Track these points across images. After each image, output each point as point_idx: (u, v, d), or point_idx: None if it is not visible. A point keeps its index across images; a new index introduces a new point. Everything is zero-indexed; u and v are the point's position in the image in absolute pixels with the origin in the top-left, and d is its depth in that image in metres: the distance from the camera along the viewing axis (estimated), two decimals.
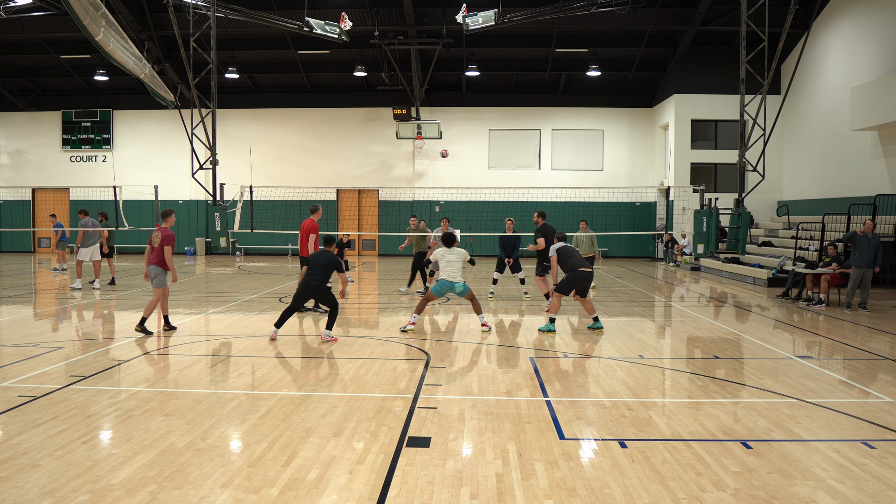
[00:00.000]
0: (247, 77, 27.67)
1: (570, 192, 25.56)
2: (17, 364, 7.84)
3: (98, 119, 28.88)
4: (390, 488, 4.40)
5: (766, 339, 9.84)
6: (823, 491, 4.41)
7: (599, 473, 4.66)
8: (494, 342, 9.47)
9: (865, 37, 19.12)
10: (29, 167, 29.31)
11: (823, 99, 21.32)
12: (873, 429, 5.69)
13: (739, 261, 20.08)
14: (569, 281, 10.17)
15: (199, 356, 8.51)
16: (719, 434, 5.50)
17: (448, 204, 27.20)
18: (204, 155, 22.04)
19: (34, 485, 4.41)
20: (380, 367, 7.92)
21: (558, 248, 10.39)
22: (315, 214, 12.46)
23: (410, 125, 25.63)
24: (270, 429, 5.56)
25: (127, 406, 6.17)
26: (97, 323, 11.20)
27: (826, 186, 20.98)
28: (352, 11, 22.08)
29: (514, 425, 5.69)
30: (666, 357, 8.93)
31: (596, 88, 27.46)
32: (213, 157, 17.57)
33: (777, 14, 18.11)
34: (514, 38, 24.69)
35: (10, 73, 27.93)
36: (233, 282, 17.78)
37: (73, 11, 10.95)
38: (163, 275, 9.98)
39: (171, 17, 17.55)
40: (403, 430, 5.55)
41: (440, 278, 10.28)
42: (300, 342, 9.48)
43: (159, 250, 9.89)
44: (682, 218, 23.90)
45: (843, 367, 8.12)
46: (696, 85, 24.67)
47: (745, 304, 14.11)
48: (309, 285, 9.37)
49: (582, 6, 19.41)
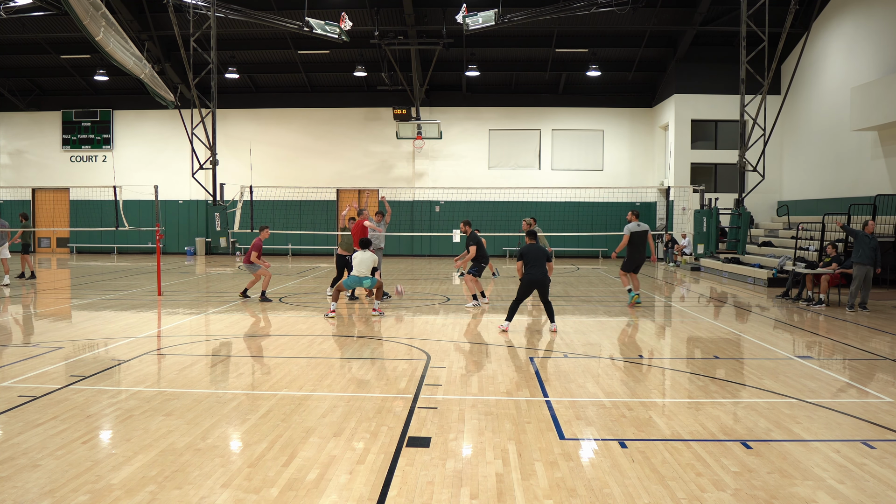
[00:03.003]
0: (247, 77, 27.67)
1: (570, 192, 25.58)
2: (17, 364, 7.84)
3: (98, 119, 28.88)
4: (390, 488, 4.40)
5: (766, 339, 9.84)
6: (823, 491, 4.41)
7: (599, 473, 4.66)
8: (494, 342, 9.47)
9: (865, 37, 19.12)
10: (29, 167, 29.32)
11: (823, 99, 21.32)
12: (873, 429, 5.69)
13: (739, 261, 20.08)
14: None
15: (199, 356, 8.51)
16: (719, 434, 5.50)
17: (448, 204, 27.21)
18: (204, 155, 22.05)
19: (34, 485, 4.41)
20: (380, 367, 7.93)
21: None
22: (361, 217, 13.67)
23: (410, 125, 25.63)
24: (270, 429, 5.56)
25: (127, 406, 6.17)
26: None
27: (826, 186, 20.98)
28: (352, 11, 22.09)
29: (514, 425, 5.69)
30: (666, 357, 8.93)
31: (596, 88, 27.46)
32: (213, 157, 17.57)
33: (777, 14, 18.12)
34: (513, 38, 24.69)
35: (10, 73, 27.93)
36: (233, 282, 17.78)
37: (73, 11, 10.94)
38: (254, 267, 13.44)
39: (171, 17, 17.57)
40: (403, 430, 5.55)
41: (353, 274, 11.80)
42: (300, 342, 9.48)
43: (249, 254, 13.49)
44: (682, 218, 23.90)
45: (843, 367, 8.12)
46: (696, 85, 24.67)
47: (745, 304, 14.11)
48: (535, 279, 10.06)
49: (582, 6, 19.41)
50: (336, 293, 11.91)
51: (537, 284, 10.08)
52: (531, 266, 10.09)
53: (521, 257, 10.21)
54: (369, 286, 11.89)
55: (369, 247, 11.99)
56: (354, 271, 11.85)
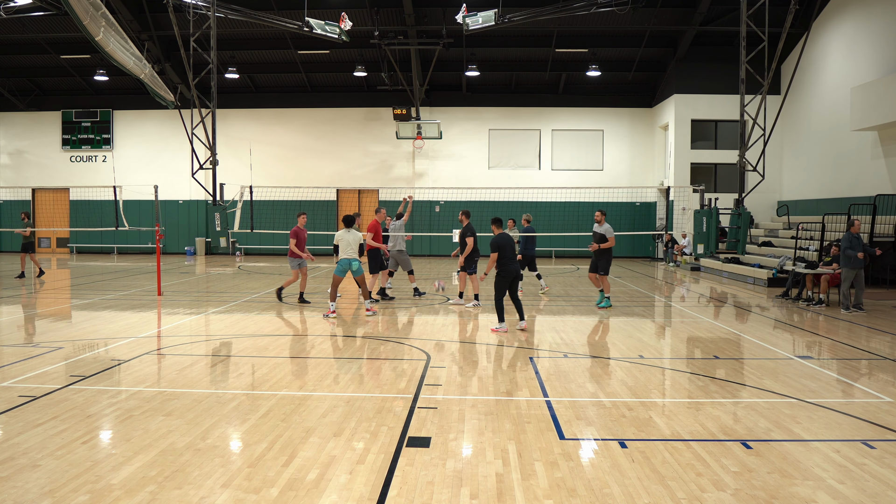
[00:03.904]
0: (247, 77, 27.67)
1: (570, 192, 25.57)
2: (17, 364, 7.84)
3: (98, 119, 28.87)
4: (390, 488, 4.40)
5: (766, 339, 9.84)
6: (823, 491, 4.41)
7: (599, 473, 4.66)
8: (495, 342, 9.47)
9: (865, 37, 19.12)
10: (29, 167, 29.31)
11: (823, 99, 21.32)
12: (873, 429, 5.69)
13: (739, 261, 20.07)
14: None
15: (199, 356, 8.51)
16: (719, 434, 5.50)
17: (448, 204, 27.21)
18: (204, 155, 22.05)
19: (34, 485, 4.41)
20: (380, 367, 7.93)
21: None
22: (378, 215, 13.67)
23: (410, 125, 25.63)
24: (270, 429, 5.56)
25: (127, 406, 6.17)
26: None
27: (826, 186, 20.98)
28: (352, 11, 22.08)
29: (514, 425, 5.69)
30: (666, 357, 8.93)
31: (596, 88, 27.46)
32: (213, 157, 17.57)
33: (777, 14, 18.11)
34: (513, 38, 24.69)
35: (10, 73, 27.93)
36: (233, 282, 17.78)
37: (73, 11, 10.94)
38: (294, 262, 12.62)
39: (171, 17, 17.55)
40: (403, 430, 5.55)
41: (341, 257, 11.52)
42: (300, 342, 9.48)
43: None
44: (682, 218, 23.90)
45: (843, 367, 8.11)
46: (696, 85, 24.67)
47: (745, 304, 14.11)
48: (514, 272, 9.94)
49: (582, 6, 19.40)
50: (333, 291, 11.78)
51: (515, 277, 9.93)
52: (508, 259, 9.84)
53: (498, 249, 9.80)
54: (357, 270, 11.59)
55: (353, 224, 11.72)
56: (342, 254, 11.56)
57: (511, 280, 9.96)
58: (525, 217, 14.87)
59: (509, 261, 9.87)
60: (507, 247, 9.87)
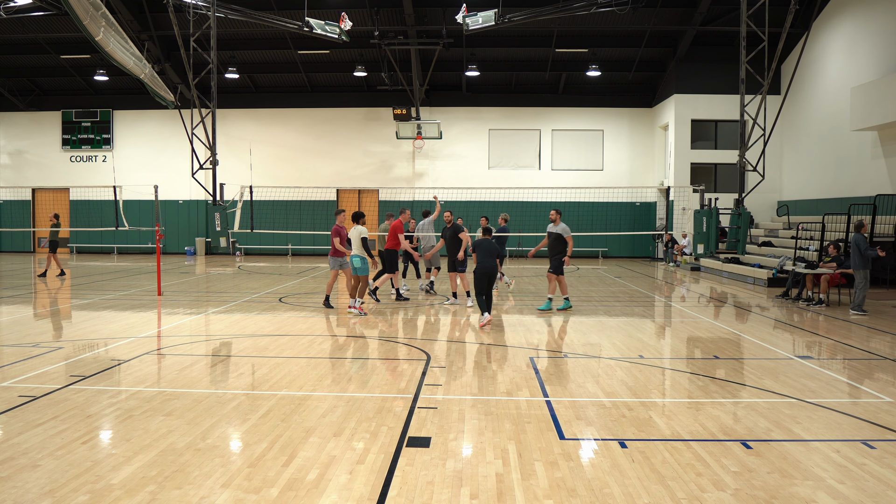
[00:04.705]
0: (247, 77, 27.67)
1: (570, 192, 25.56)
2: (17, 364, 7.84)
3: (98, 119, 28.87)
4: (390, 488, 4.40)
5: (766, 339, 9.83)
6: (823, 491, 4.41)
7: (599, 473, 4.66)
8: (494, 342, 9.47)
9: (865, 37, 19.12)
10: (29, 167, 29.31)
11: (823, 99, 21.31)
12: (873, 429, 5.69)
13: (739, 261, 20.07)
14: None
15: (199, 356, 8.51)
16: (719, 434, 5.50)
17: (448, 204, 26.99)
18: (204, 155, 22.03)
19: (34, 485, 4.41)
20: (380, 367, 7.93)
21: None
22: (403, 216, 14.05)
23: (410, 125, 25.62)
24: (270, 429, 5.56)
25: (127, 406, 6.17)
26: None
27: (826, 186, 20.97)
28: (352, 11, 22.08)
29: (514, 425, 5.69)
30: (666, 357, 8.93)
31: (596, 88, 27.45)
32: (213, 157, 17.56)
33: (777, 14, 18.10)
34: (513, 38, 24.69)
35: (10, 73, 27.92)
36: (233, 282, 17.79)
37: (73, 11, 10.94)
38: (336, 261, 12.32)
39: (171, 17, 17.54)
40: (403, 430, 5.55)
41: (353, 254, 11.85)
42: (300, 342, 9.48)
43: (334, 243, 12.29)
44: (682, 218, 23.89)
45: (843, 367, 8.12)
46: (696, 85, 24.66)
47: (745, 304, 14.11)
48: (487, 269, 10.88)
49: (582, 6, 19.40)
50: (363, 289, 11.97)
51: (489, 274, 10.89)
52: (484, 257, 10.96)
53: (475, 249, 11.10)
54: (359, 269, 11.78)
55: (360, 220, 12.02)
56: (353, 251, 11.86)
57: (485, 276, 10.93)
58: (502, 216, 15.40)
59: (483, 260, 11.01)
60: (482, 248, 11.07)
